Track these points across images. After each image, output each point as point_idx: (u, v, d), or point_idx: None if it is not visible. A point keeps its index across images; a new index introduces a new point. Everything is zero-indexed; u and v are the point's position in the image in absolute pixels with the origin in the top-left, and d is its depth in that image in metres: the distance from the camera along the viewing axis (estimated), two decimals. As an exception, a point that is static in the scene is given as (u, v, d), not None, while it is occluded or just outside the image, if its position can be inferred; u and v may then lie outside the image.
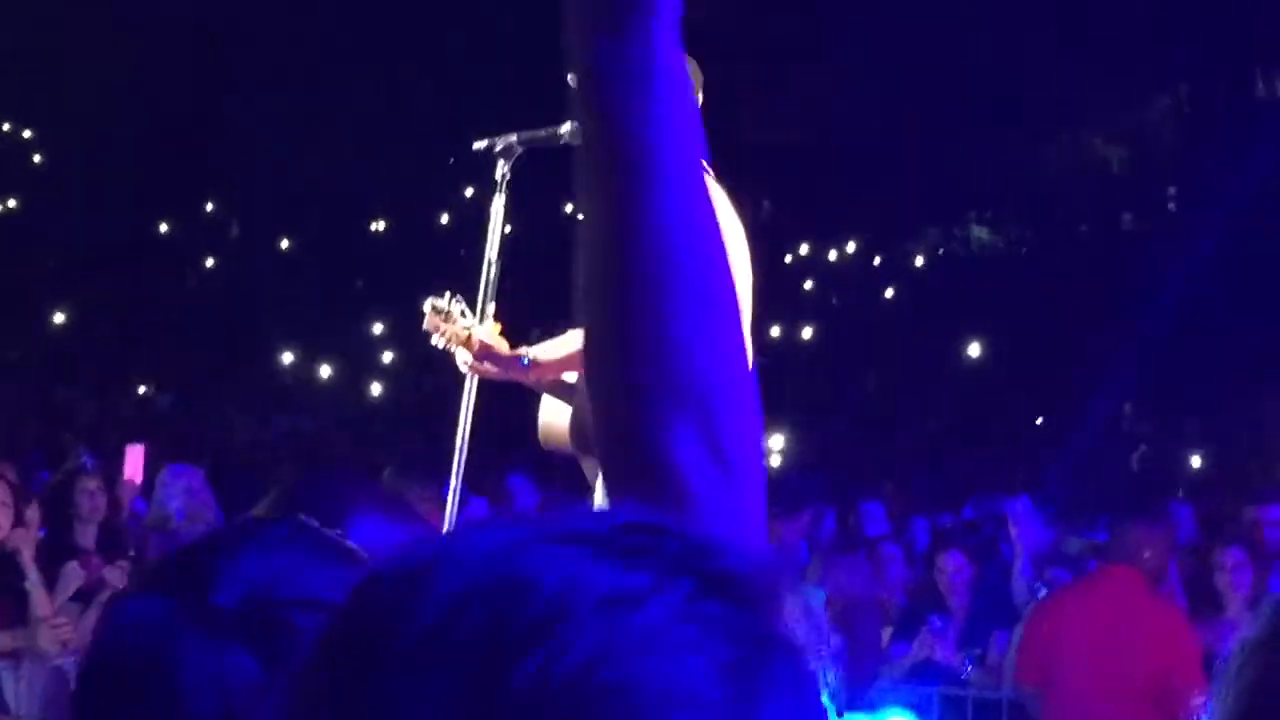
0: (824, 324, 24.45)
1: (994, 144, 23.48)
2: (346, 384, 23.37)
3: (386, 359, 23.76)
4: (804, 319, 24.12)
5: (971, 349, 23.71)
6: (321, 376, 23.36)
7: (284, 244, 26.50)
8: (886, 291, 25.92)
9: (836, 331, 24.50)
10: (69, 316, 23.35)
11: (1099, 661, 7.46)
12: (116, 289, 22.98)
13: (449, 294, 5.53)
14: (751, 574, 0.96)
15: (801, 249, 25.87)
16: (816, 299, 25.66)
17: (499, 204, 5.71)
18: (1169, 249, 22.68)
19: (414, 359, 21.35)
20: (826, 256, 26.51)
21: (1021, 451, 19.88)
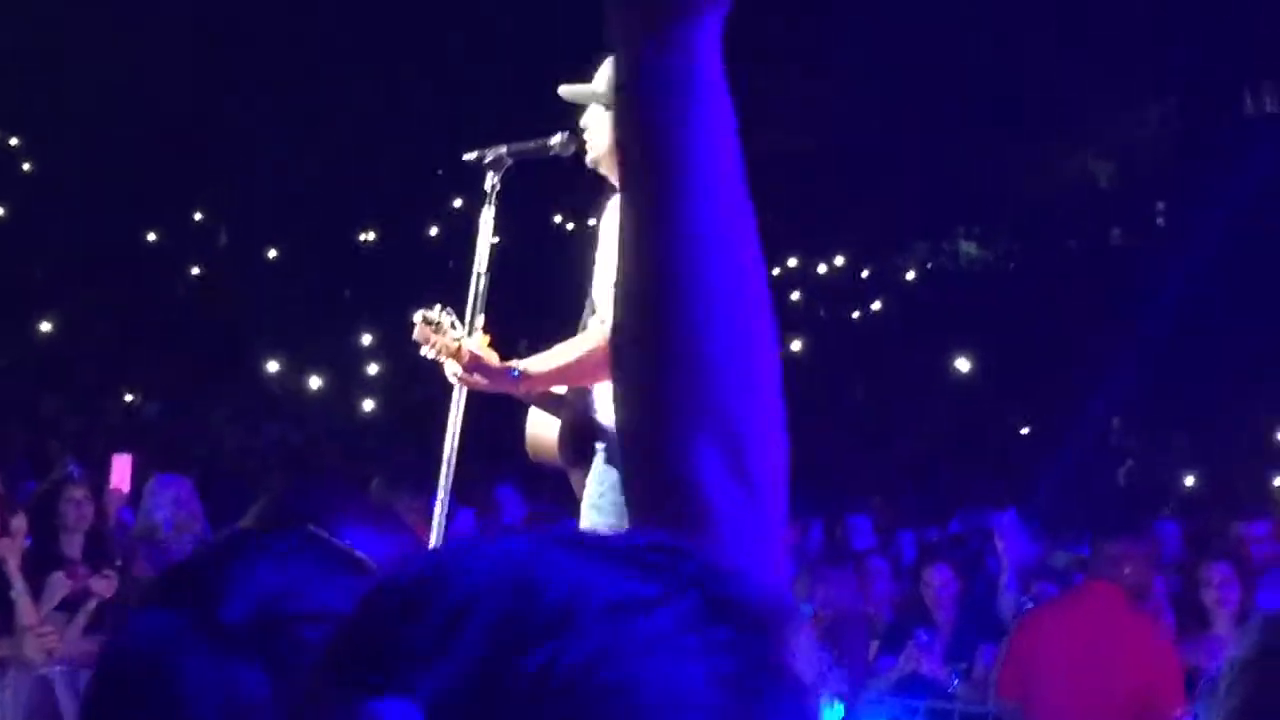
0: (812, 336, 24.47)
1: (984, 159, 23.52)
2: (335, 394, 23.35)
3: (375, 370, 23.74)
4: (792, 331, 24.13)
5: (959, 363, 23.74)
6: (310, 386, 23.34)
7: (273, 253, 26.48)
8: (875, 305, 25.97)
9: (824, 344, 24.52)
10: (56, 325, 23.31)
11: (1079, 677, 7.44)
12: (104, 297, 22.95)
13: (439, 305, 5.52)
14: (761, 603, 0.98)
15: (790, 261, 25.90)
16: (805, 311, 25.69)
17: (488, 215, 5.71)
18: (1157, 264, 22.72)
19: (403, 370, 21.35)
20: (815, 269, 26.54)
21: (1009, 465, 19.89)
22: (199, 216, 26.73)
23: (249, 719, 1.51)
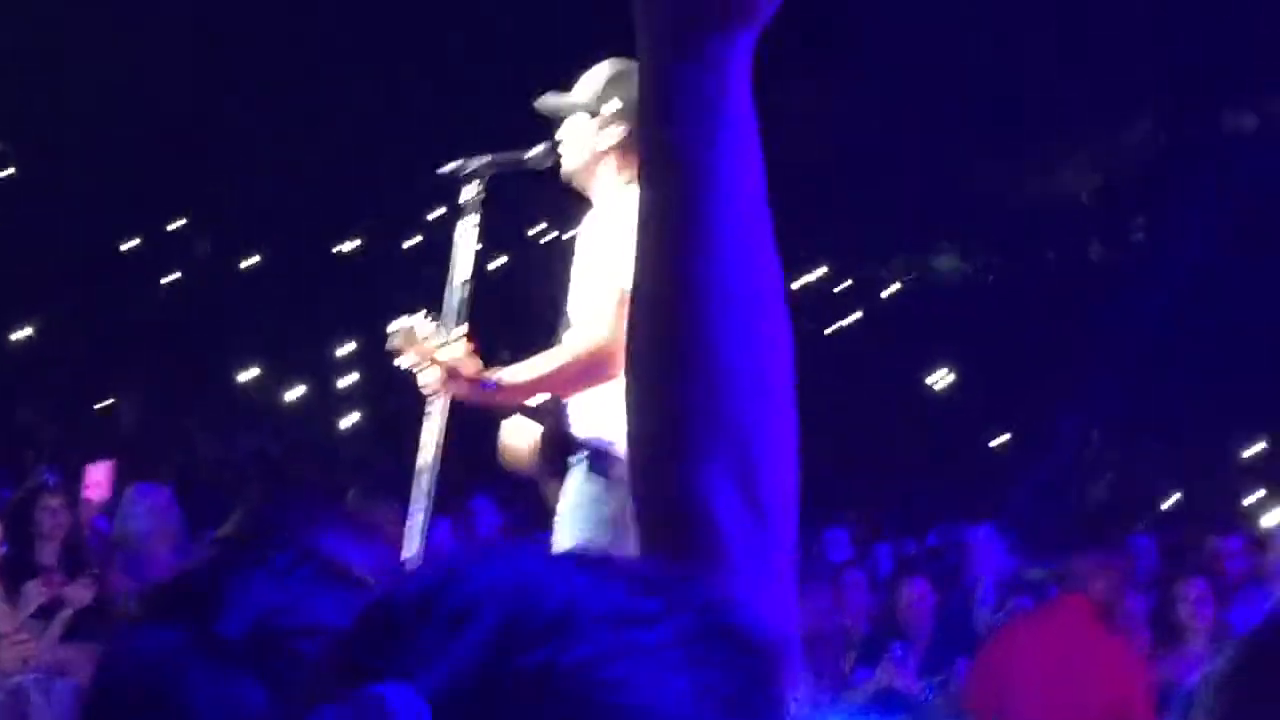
0: (790, 348, 24.40)
1: (963, 172, 23.54)
2: (312, 404, 23.29)
3: (353, 380, 23.67)
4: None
5: (937, 375, 23.75)
6: (287, 396, 23.27)
7: (251, 261, 26.41)
8: (853, 316, 25.98)
9: (802, 355, 24.38)
10: (32, 333, 23.23)
11: (1051, 692, 7.45)
12: (81, 305, 22.87)
13: (423, 313, 5.52)
14: (757, 634, 0.99)
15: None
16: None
17: (468, 226, 5.71)
18: (1137, 279, 22.77)
19: (380, 380, 21.31)
20: (793, 280, 26.56)
21: (986, 479, 19.90)
22: (178, 224, 26.65)
23: None
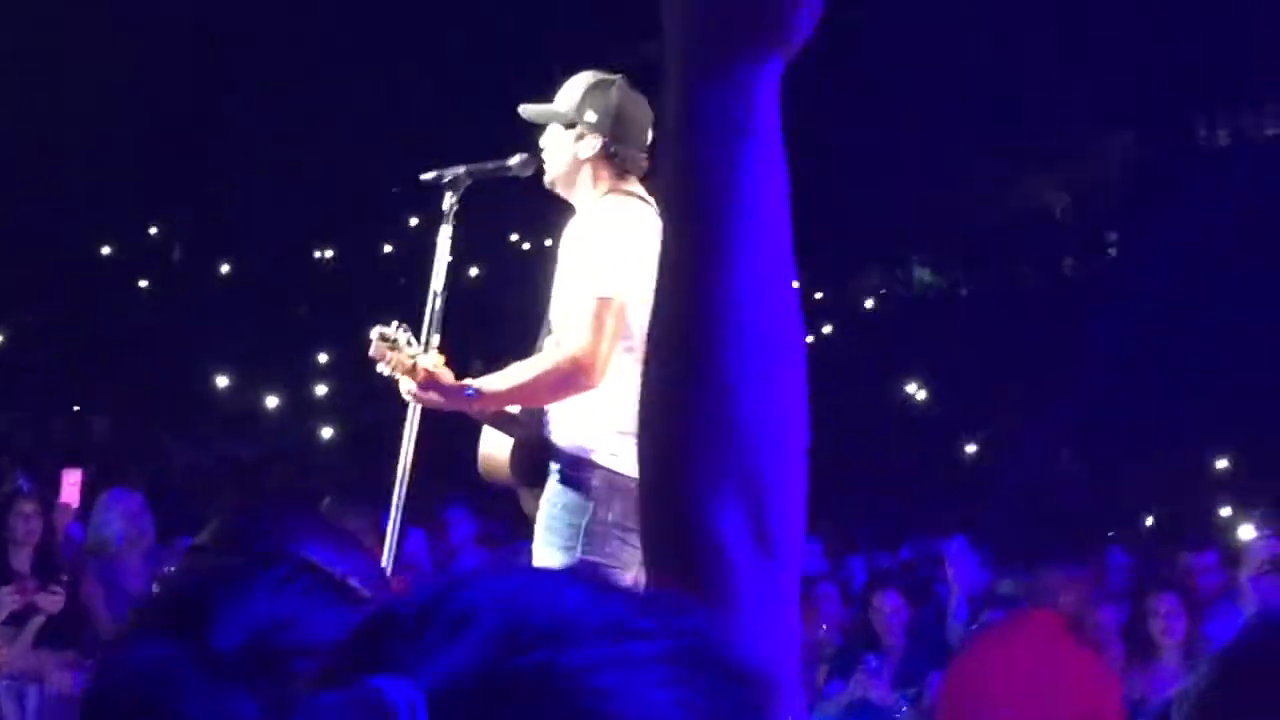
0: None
1: (937, 186, 23.59)
2: (287, 411, 23.26)
3: (327, 388, 23.65)
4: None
5: (911, 388, 23.80)
6: (262, 403, 23.24)
7: (225, 269, 26.37)
8: (826, 329, 26.00)
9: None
10: (5, 339, 23.16)
11: (1020, 706, 7.43)
12: (55, 310, 22.81)
13: (396, 323, 5.52)
14: (748, 666, 1.00)
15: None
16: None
17: (446, 234, 5.70)
18: (1110, 294, 22.82)
19: (355, 388, 21.28)
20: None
21: (959, 492, 19.92)
22: (153, 230, 26.61)
23: None
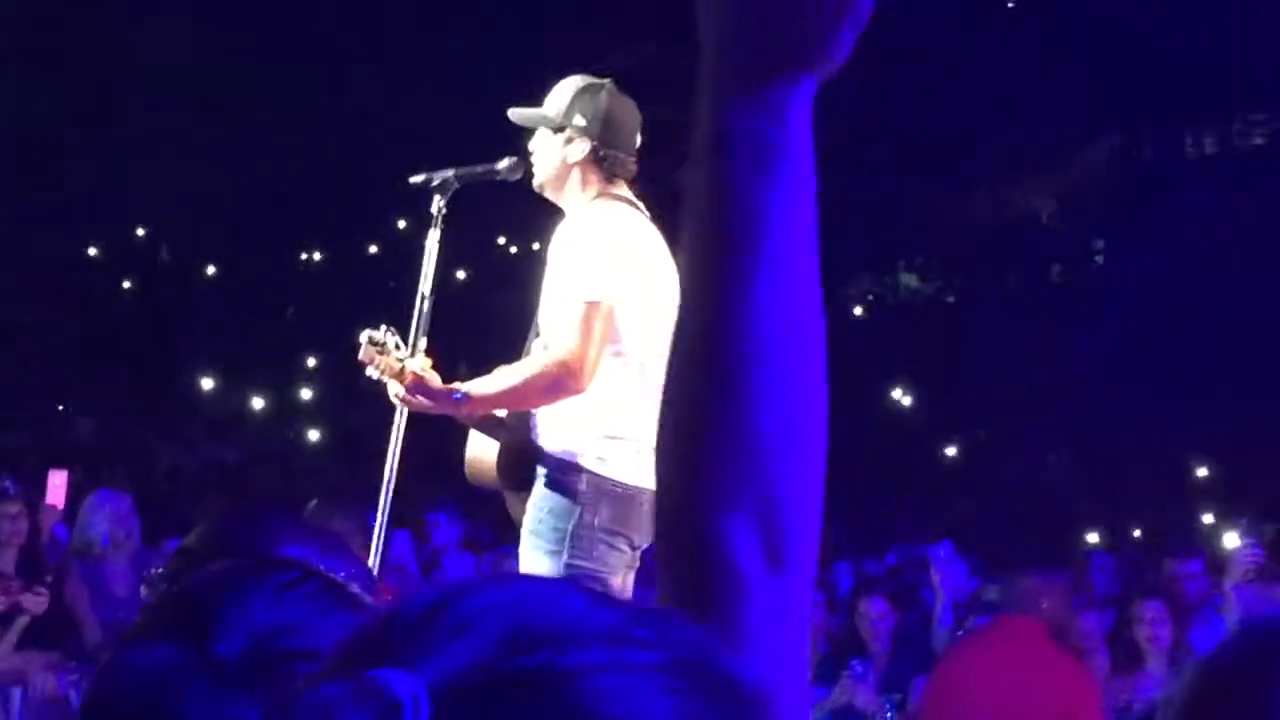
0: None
1: (925, 193, 23.63)
2: (272, 414, 23.24)
3: (313, 391, 23.64)
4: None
5: (897, 394, 23.82)
6: (248, 406, 23.22)
7: (212, 270, 26.36)
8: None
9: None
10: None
11: (999, 712, 7.42)
12: (42, 312, 22.78)
13: (384, 326, 5.51)
14: (747, 683, 1.00)
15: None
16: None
17: (434, 238, 5.70)
18: (1096, 301, 22.88)
19: (340, 391, 21.27)
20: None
21: (945, 498, 19.95)
22: (140, 231, 26.59)
23: None
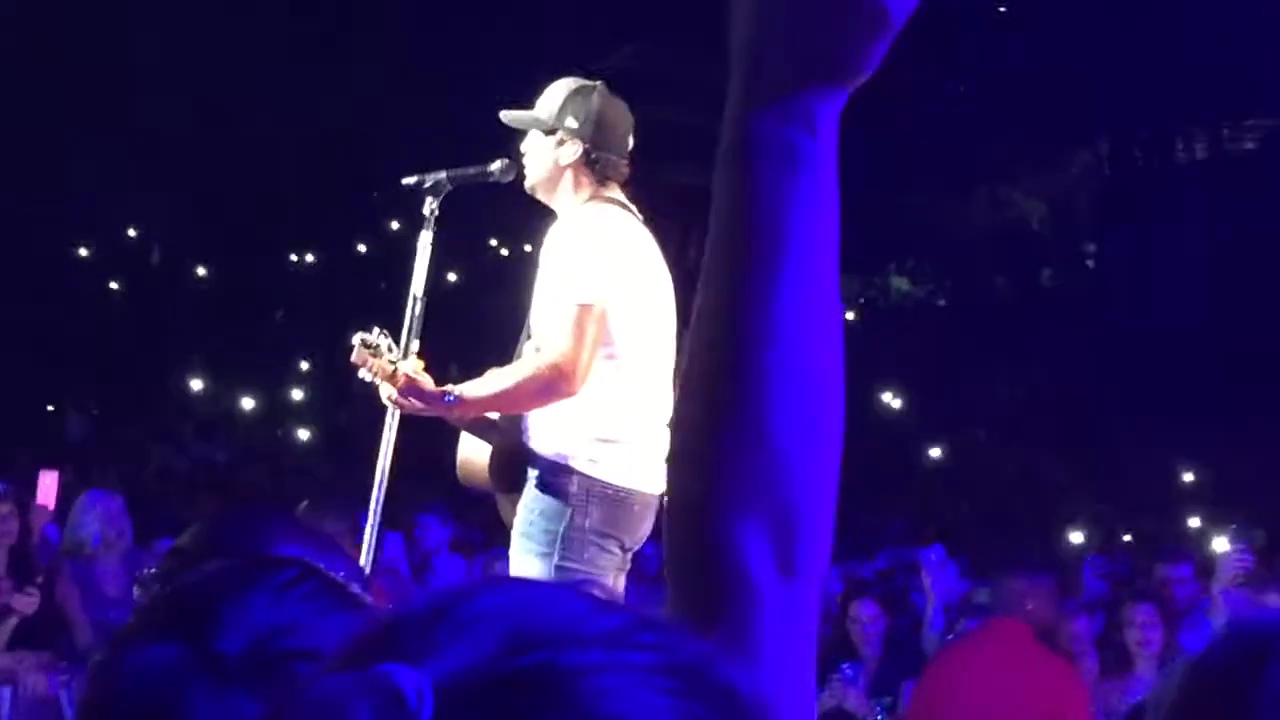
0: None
1: (916, 196, 23.64)
2: (263, 415, 23.21)
3: (305, 391, 23.62)
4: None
5: (887, 397, 23.82)
6: (239, 407, 23.20)
7: (203, 271, 26.33)
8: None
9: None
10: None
11: (987, 715, 7.43)
12: (32, 313, 22.73)
13: (377, 329, 5.51)
14: (751, 694, 1.00)
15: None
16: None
17: (426, 240, 5.70)
18: (1088, 305, 22.90)
19: (331, 393, 21.27)
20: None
21: (936, 501, 19.95)
22: (131, 232, 26.55)
23: None
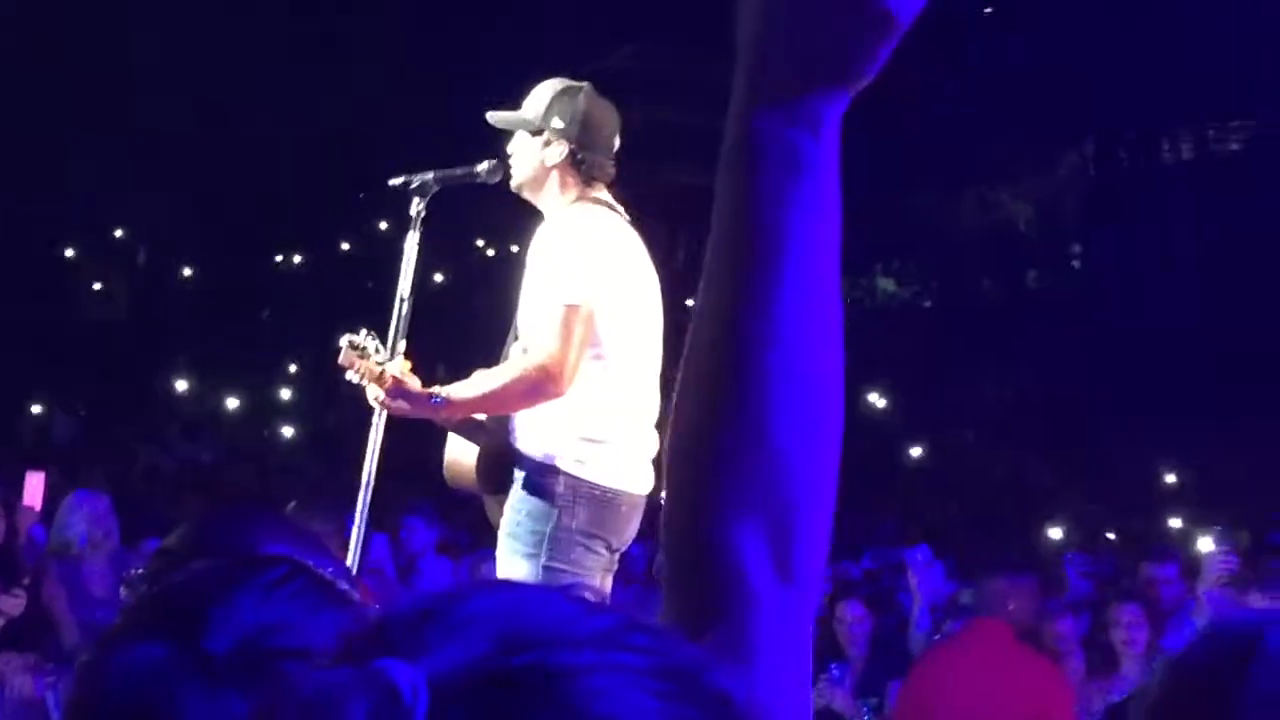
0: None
1: (902, 197, 23.64)
2: (251, 415, 23.19)
3: (292, 392, 23.60)
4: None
5: (873, 398, 23.83)
6: (225, 407, 23.18)
7: (189, 272, 26.31)
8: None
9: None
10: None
11: (970, 715, 7.43)
12: (19, 313, 22.69)
13: (364, 330, 5.51)
14: (742, 699, 1.00)
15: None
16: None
17: (413, 240, 5.69)
18: (1073, 307, 22.91)
19: (318, 393, 21.24)
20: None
21: (922, 502, 19.96)
22: (118, 233, 26.52)
23: None
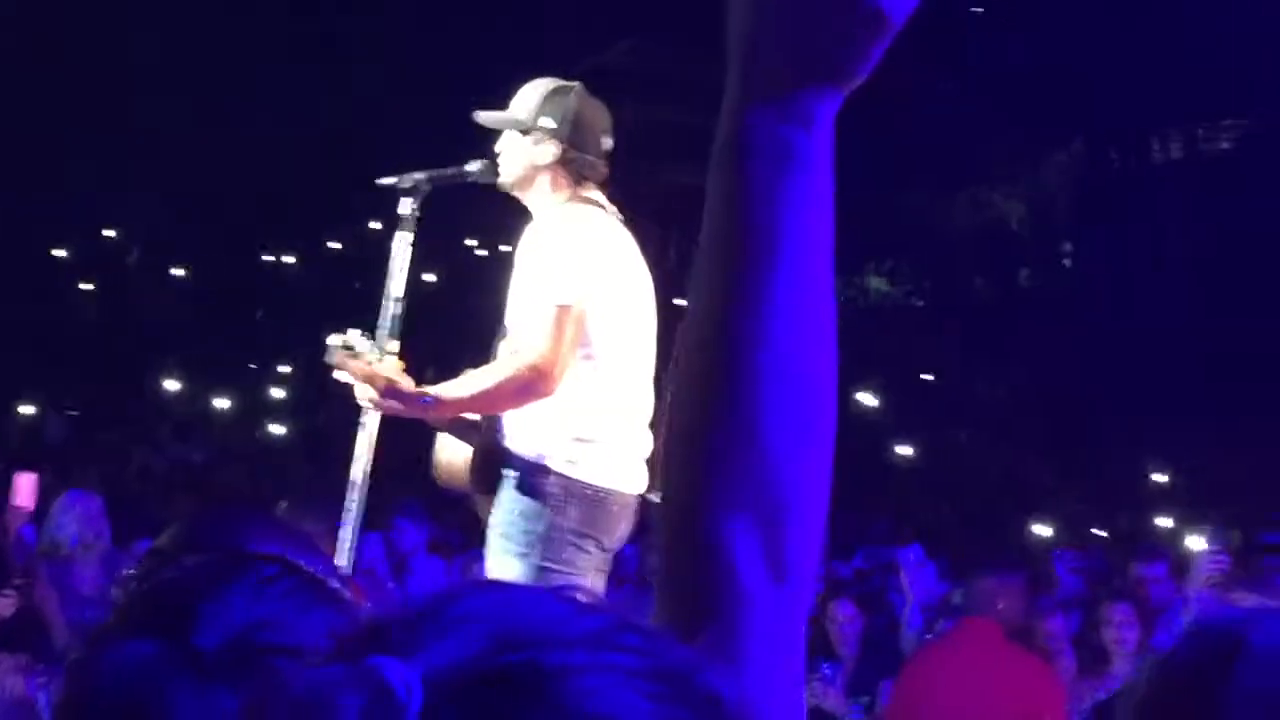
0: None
1: (894, 196, 23.65)
2: (241, 416, 23.18)
3: (284, 392, 23.59)
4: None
5: (864, 397, 23.84)
6: (216, 407, 23.16)
7: (180, 272, 26.28)
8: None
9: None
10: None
11: (961, 714, 7.43)
12: (8, 313, 22.65)
13: (355, 329, 5.50)
14: (731, 700, 1.00)
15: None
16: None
17: (404, 240, 5.69)
18: (1065, 306, 22.93)
19: (310, 393, 21.21)
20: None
21: (914, 501, 19.97)
22: (108, 232, 26.49)
23: None
